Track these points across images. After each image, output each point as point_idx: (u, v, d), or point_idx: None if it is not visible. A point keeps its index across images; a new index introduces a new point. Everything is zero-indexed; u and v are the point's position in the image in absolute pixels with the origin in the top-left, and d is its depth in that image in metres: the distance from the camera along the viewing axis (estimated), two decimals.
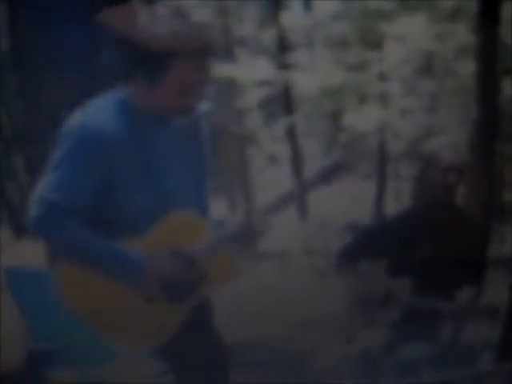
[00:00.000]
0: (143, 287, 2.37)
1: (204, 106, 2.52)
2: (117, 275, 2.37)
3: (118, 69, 2.42)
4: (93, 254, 2.36)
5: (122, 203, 2.40)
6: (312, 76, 11.65)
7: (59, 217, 2.33)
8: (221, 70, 11.35)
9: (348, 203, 11.07)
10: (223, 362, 2.61)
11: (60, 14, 4.16)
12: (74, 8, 4.07)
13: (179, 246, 2.41)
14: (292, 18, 12.26)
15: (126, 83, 2.44)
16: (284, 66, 12.03)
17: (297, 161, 12.60)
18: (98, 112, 2.40)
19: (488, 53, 6.84)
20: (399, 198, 10.95)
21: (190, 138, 2.55)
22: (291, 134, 12.73)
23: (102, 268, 2.37)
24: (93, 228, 2.37)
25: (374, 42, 11.54)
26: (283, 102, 12.71)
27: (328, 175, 2.51)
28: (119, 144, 2.37)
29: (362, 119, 11.20)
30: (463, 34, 10.46)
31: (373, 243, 3.47)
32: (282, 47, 12.42)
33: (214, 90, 2.52)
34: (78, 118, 2.40)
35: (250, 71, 12.00)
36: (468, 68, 9.38)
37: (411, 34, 10.95)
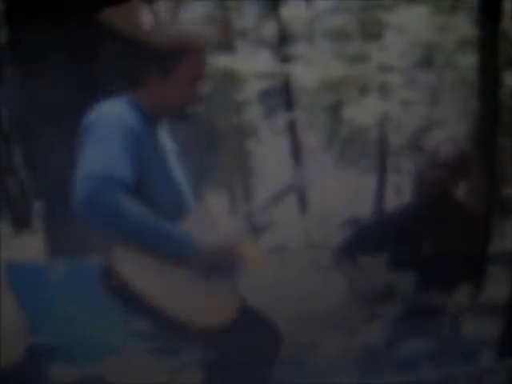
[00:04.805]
0: (195, 266, 2.38)
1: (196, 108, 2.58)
2: (176, 252, 2.35)
3: (121, 68, 2.45)
4: (151, 230, 2.32)
5: (148, 192, 2.41)
6: (312, 68, 11.64)
7: (115, 191, 2.26)
8: (221, 61, 11.35)
9: (348, 197, 11.07)
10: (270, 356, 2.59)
11: (61, 12, 4.16)
12: (75, 6, 4.08)
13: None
14: (292, 10, 12.24)
15: (130, 89, 2.49)
16: (284, 59, 12.01)
17: (297, 153, 12.59)
18: (119, 107, 2.42)
19: (489, 45, 6.84)
20: (399, 192, 10.95)
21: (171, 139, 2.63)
22: (291, 127, 12.72)
23: (159, 246, 2.34)
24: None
25: (374, 34, 11.53)
26: (283, 94, 12.70)
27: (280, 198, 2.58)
28: (141, 138, 2.40)
29: (363, 112, 11.19)
30: (464, 26, 10.45)
31: (372, 238, 3.47)
32: (282, 39, 12.40)
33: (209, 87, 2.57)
34: (104, 109, 2.40)
35: (250, 63, 11.99)
36: (469, 60, 9.38)
37: (412, 25, 10.94)
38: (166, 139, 2.58)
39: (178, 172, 2.57)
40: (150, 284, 2.34)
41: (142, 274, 2.33)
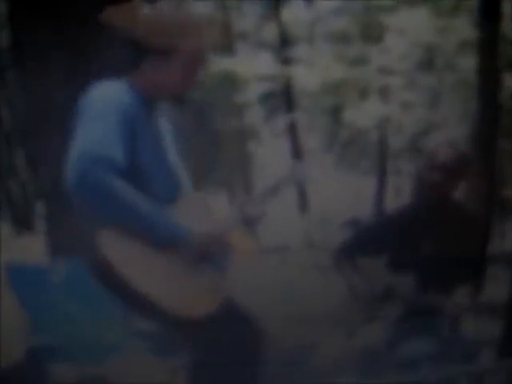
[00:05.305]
0: (184, 252, 2.37)
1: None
2: (164, 239, 2.33)
3: (121, 60, 2.46)
4: (141, 214, 2.29)
5: (142, 175, 2.40)
6: (313, 71, 11.64)
7: (106, 171, 2.22)
8: (221, 64, 11.35)
9: (348, 198, 11.08)
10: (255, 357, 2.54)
11: (62, 13, 4.17)
12: (77, 8, 4.09)
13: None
14: (293, 12, 12.25)
15: (129, 73, 2.48)
16: (285, 61, 12.02)
17: (297, 155, 12.60)
18: (115, 89, 2.41)
19: (489, 47, 6.84)
20: (399, 194, 10.96)
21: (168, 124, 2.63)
22: (292, 129, 12.72)
23: (151, 230, 2.31)
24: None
25: (374, 36, 11.53)
26: (284, 96, 12.71)
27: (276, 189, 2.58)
28: (137, 119, 2.39)
29: (363, 114, 11.20)
30: (464, 28, 10.45)
31: (372, 239, 3.46)
32: (283, 42, 12.41)
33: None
34: (99, 89, 2.39)
35: (251, 65, 11.99)
36: (469, 62, 9.38)
37: (412, 27, 10.94)
38: (163, 124, 2.56)
39: (175, 157, 2.55)
40: (136, 269, 2.30)
41: (128, 258, 2.30)
